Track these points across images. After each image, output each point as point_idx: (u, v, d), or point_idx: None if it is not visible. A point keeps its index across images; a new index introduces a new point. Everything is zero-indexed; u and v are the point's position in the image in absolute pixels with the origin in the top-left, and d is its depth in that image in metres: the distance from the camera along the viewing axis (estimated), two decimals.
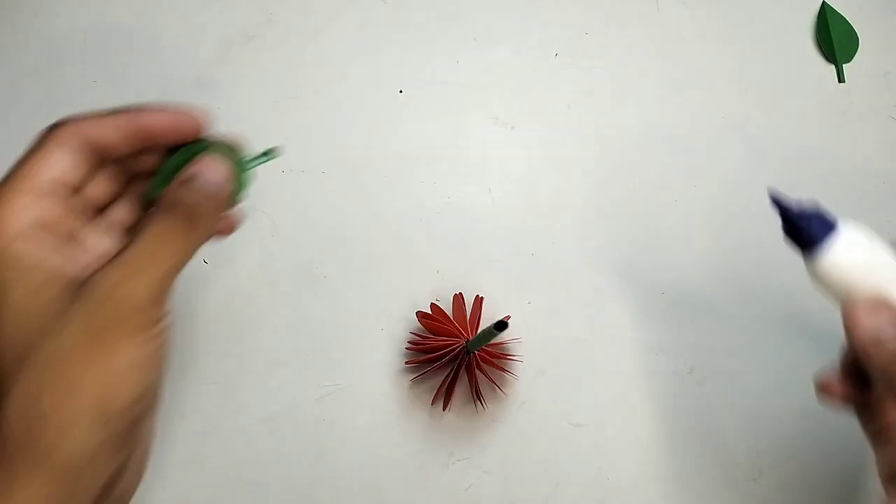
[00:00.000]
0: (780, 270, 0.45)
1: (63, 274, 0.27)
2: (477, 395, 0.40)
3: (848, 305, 0.28)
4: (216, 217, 0.29)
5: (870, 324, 0.28)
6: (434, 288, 0.44)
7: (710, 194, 0.46)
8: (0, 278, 0.26)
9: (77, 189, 0.29)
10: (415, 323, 0.43)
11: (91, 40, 0.52)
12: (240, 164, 0.31)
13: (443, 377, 0.40)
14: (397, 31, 0.51)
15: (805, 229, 0.26)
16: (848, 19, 0.50)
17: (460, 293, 0.43)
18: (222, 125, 0.49)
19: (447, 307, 0.43)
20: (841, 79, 0.49)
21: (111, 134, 0.29)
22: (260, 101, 0.49)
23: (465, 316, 0.42)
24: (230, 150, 0.31)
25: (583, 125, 0.48)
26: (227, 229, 0.34)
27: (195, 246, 0.29)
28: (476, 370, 0.40)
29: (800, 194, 0.46)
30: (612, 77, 0.49)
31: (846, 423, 0.42)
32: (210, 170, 0.29)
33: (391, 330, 0.43)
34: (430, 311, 0.42)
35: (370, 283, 0.44)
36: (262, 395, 0.42)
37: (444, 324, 0.41)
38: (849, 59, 0.49)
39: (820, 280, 0.28)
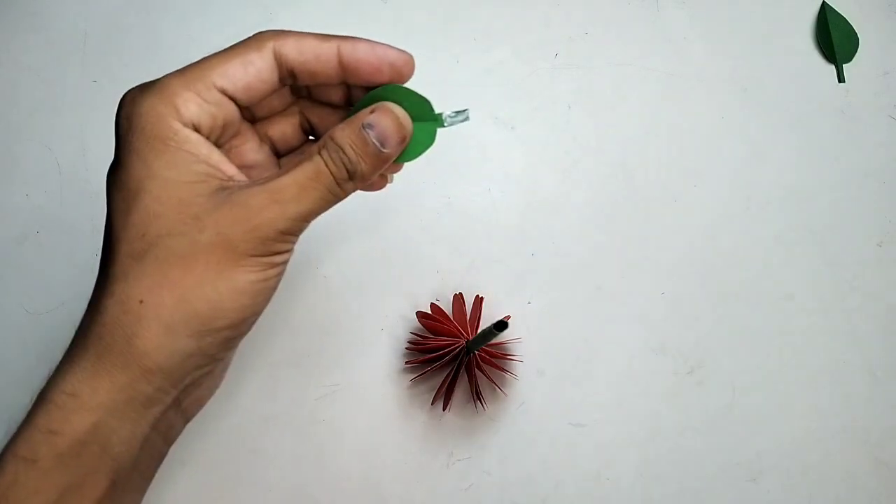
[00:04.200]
0: (780, 270, 0.45)
1: (216, 176, 0.27)
2: (477, 395, 0.40)
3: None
4: (375, 173, 0.29)
5: None
6: (434, 288, 0.44)
7: (710, 194, 0.46)
8: (161, 159, 0.26)
9: (253, 98, 0.29)
10: (415, 323, 0.43)
11: (91, 40, 0.52)
12: (432, 120, 0.29)
13: (443, 377, 0.40)
14: (397, 31, 0.51)
15: None
16: (848, 19, 0.50)
17: (460, 293, 0.43)
18: None
19: (447, 307, 0.43)
20: (841, 79, 0.49)
21: (312, 59, 0.28)
22: None
23: (465, 316, 0.42)
24: (422, 104, 0.29)
25: (583, 125, 0.48)
26: (378, 186, 0.33)
27: (344, 195, 0.28)
28: (476, 370, 0.40)
29: (801, 195, 0.47)
30: (612, 77, 0.49)
31: (846, 423, 0.42)
32: (387, 123, 0.28)
33: (391, 330, 0.43)
34: (430, 311, 0.42)
35: (370, 283, 0.44)
36: (262, 395, 0.42)
37: (444, 324, 0.41)
38: (849, 59, 0.49)
39: None
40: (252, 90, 0.28)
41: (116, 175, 0.27)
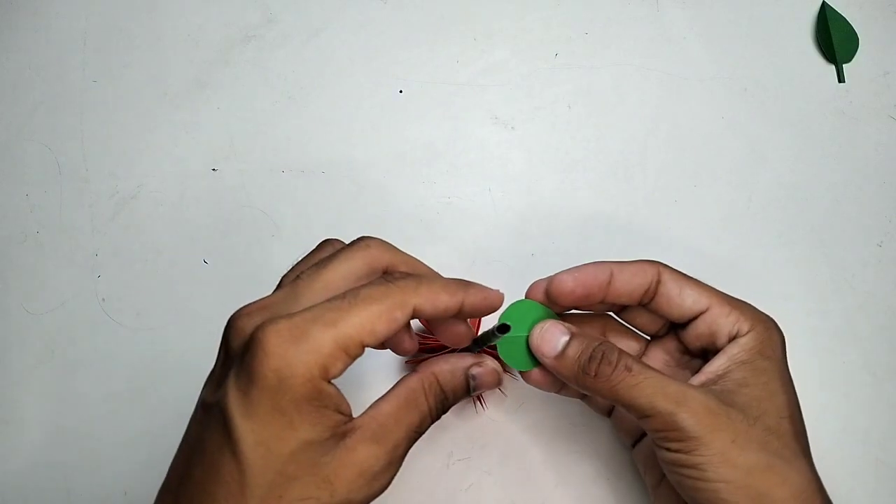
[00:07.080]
0: (780, 270, 0.45)
1: (341, 423, 0.28)
2: (477, 395, 0.40)
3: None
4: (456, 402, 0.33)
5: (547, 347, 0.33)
6: None
7: (710, 194, 0.47)
8: (306, 422, 0.27)
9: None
10: (415, 323, 0.43)
11: (91, 40, 0.52)
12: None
13: None
14: (397, 31, 0.51)
15: None
16: (848, 19, 0.50)
17: None
18: (222, 125, 0.50)
19: None
20: (841, 79, 0.49)
21: (441, 312, 0.30)
22: (260, 101, 0.49)
23: None
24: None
25: (583, 125, 0.48)
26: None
27: (431, 423, 0.32)
28: None
29: (801, 195, 0.47)
30: (612, 77, 0.50)
31: (846, 423, 0.42)
32: (488, 379, 0.33)
33: None
34: None
35: None
36: None
37: None
38: (849, 59, 0.49)
39: None
40: (388, 338, 0.30)
41: (257, 427, 0.27)
